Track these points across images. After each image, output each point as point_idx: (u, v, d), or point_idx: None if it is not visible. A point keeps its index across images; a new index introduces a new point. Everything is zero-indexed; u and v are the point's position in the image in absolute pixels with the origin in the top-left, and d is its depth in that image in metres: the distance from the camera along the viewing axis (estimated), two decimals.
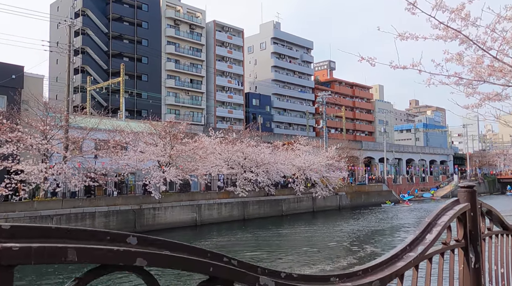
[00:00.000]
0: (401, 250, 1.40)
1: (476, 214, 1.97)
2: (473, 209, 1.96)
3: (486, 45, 4.37)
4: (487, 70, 4.73)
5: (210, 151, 33.01)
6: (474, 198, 1.97)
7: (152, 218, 28.94)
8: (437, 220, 1.68)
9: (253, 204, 36.91)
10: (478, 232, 1.96)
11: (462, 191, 1.99)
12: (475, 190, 1.99)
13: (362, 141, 71.48)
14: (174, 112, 61.62)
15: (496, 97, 5.17)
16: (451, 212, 1.77)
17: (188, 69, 64.24)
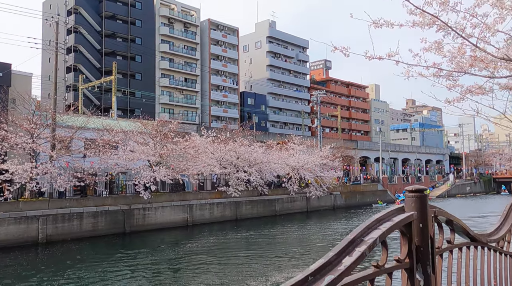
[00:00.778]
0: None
1: (426, 225, 1.55)
2: (422, 219, 1.54)
3: (465, 32, 3.96)
4: (468, 60, 4.33)
5: (202, 150, 32.55)
6: (424, 205, 1.56)
7: (142, 218, 28.47)
8: (364, 236, 1.26)
9: (246, 204, 36.49)
10: (428, 247, 1.55)
11: (409, 196, 1.58)
12: (426, 194, 1.58)
13: (357, 141, 71.17)
14: (168, 111, 61.11)
15: (479, 91, 4.77)
16: (387, 224, 1.36)
17: (182, 68, 63.72)
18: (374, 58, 4.81)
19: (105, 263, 19.23)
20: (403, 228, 1.48)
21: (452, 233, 1.88)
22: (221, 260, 20.31)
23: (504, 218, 2.69)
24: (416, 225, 1.53)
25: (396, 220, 1.39)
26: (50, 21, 29.69)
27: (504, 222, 2.67)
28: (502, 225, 2.60)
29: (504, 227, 2.61)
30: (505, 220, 2.68)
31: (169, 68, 61.92)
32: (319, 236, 27.13)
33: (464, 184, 73.58)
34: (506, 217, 2.70)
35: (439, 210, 1.68)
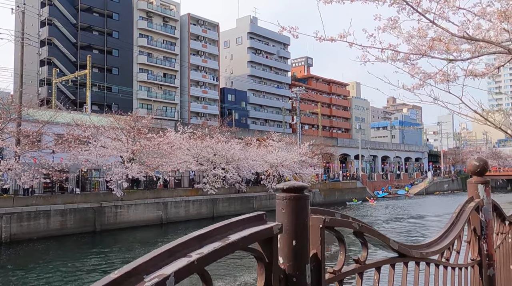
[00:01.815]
0: None
1: (305, 243, 1.02)
2: (296, 233, 1.00)
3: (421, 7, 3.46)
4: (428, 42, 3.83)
5: (177, 146, 31.78)
6: (302, 211, 1.02)
7: (113, 216, 27.62)
8: (150, 269, 0.85)
9: (223, 201, 35.91)
10: (306, 276, 1.01)
11: (281, 198, 1.04)
12: (305, 195, 1.04)
13: (338, 138, 71.22)
14: (147, 107, 59.97)
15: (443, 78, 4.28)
16: (215, 244, 0.88)
17: (161, 63, 62.58)
18: (325, 39, 4.30)
19: (73, 263, 18.44)
20: (260, 248, 0.94)
21: (364, 248, 1.35)
22: None
23: (452, 223, 2.18)
24: (286, 242, 0.98)
25: (233, 238, 0.84)
26: (17, 10, 28.38)
27: (452, 228, 2.16)
28: (448, 232, 2.10)
29: (451, 234, 2.11)
30: (453, 225, 2.17)
31: (147, 63, 60.72)
32: None
33: (442, 182, 74.47)
34: (455, 222, 2.20)
35: (333, 219, 1.14)
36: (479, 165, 2.66)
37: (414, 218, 34.27)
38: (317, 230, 1.09)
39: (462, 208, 2.37)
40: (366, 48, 4.14)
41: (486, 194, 2.64)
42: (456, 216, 2.24)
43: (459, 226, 2.17)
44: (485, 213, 2.60)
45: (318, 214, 1.10)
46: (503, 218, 3.19)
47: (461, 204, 2.40)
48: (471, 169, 2.69)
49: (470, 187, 2.68)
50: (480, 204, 2.56)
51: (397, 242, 1.48)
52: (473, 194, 2.63)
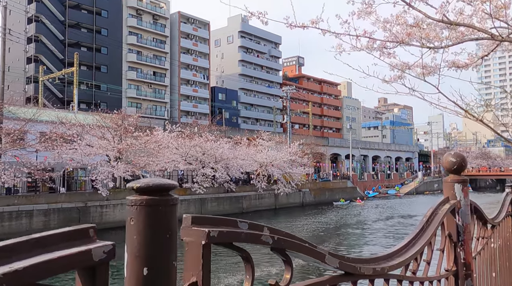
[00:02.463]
0: None
1: (168, 277, 0.82)
2: (153, 261, 0.82)
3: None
4: (405, 27, 3.52)
5: (165, 145, 31.33)
6: (159, 222, 0.79)
7: (99, 216, 27.10)
8: None
9: (211, 201, 35.52)
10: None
11: (131, 202, 0.84)
12: (170, 199, 0.83)
13: (328, 138, 71.09)
14: (136, 105, 59.32)
15: (425, 71, 3.97)
16: None
17: (151, 61, 61.92)
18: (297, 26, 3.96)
19: None
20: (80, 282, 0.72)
21: (288, 268, 1.01)
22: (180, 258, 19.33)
23: (421, 228, 1.87)
24: (133, 271, 0.76)
25: None
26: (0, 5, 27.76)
27: (420, 234, 1.84)
28: (415, 238, 1.78)
29: (419, 242, 1.78)
30: (422, 231, 1.85)
31: (136, 61, 60.04)
32: None
33: (432, 181, 74.72)
34: (424, 227, 1.88)
35: (222, 232, 0.83)
36: (455, 162, 2.34)
37: (403, 218, 34.16)
38: (197, 248, 0.82)
39: (435, 210, 2.05)
40: (340, 35, 3.82)
41: (464, 194, 2.32)
42: (427, 220, 1.92)
43: (430, 232, 1.84)
44: (462, 216, 2.28)
45: (200, 225, 0.82)
46: (484, 221, 2.88)
47: (434, 206, 2.08)
48: (447, 166, 2.37)
49: (446, 187, 2.37)
50: (456, 205, 2.25)
51: (338, 256, 1.15)
52: (449, 194, 2.31)
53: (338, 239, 24.44)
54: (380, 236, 25.50)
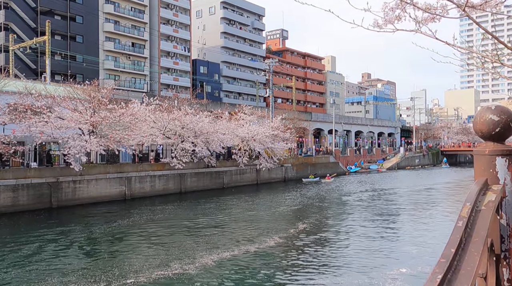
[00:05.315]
0: None
1: None
2: None
3: None
4: None
5: (142, 118, 30.07)
6: None
7: (72, 192, 26.00)
8: None
9: (191, 176, 34.65)
10: None
11: None
12: None
13: (312, 113, 70.35)
14: (114, 77, 57.27)
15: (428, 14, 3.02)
16: None
17: (129, 31, 59.52)
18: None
19: (26, 241, 16.97)
20: None
21: None
22: (160, 235, 18.61)
23: (458, 245, 0.96)
24: None
25: None
26: None
27: (460, 254, 0.95)
28: (451, 269, 0.92)
29: (460, 273, 0.93)
30: (460, 249, 0.94)
31: (114, 31, 57.60)
32: (267, 208, 25.91)
33: (414, 156, 75.10)
34: (462, 242, 0.97)
35: None
36: (499, 121, 1.43)
37: (384, 192, 33.96)
38: None
39: (474, 204, 1.15)
40: None
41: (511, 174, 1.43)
42: (466, 226, 1.01)
43: (476, 248, 0.95)
44: (508, 211, 1.41)
45: None
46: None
47: (469, 197, 1.18)
48: (483, 128, 1.47)
49: (480, 162, 1.47)
50: (500, 194, 1.36)
51: None
52: (487, 174, 1.42)
53: (320, 214, 23.95)
54: (360, 210, 25.17)
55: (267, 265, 13.50)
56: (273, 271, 12.85)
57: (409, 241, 16.73)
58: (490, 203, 1.14)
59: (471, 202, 1.11)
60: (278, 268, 13.24)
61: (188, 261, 13.65)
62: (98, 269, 13.10)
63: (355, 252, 15.01)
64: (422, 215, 23.62)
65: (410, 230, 19.21)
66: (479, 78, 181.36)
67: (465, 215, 1.03)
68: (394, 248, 15.60)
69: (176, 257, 14.22)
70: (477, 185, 1.27)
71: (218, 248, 15.54)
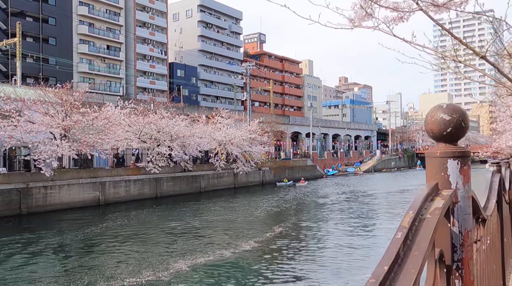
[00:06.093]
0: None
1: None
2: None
3: None
4: None
5: (116, 122, 29.49)
6: None
7: (42, 198, 25.25)
8: None
9: (167, 181, 34.19)
10: None
11: None
12: None
13: (289, 116, 70.62)
14: (88, 81, 56.17)
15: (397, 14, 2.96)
16: None
17: (104, 34, 58.52)
18: None
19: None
20: None
21: None
22: (134, 240, 18.20)
23: (395, 258, 0.95)
24: None
25: None
26: None
27: (395, 270, 0.94)
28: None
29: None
30: (396, 264, 0.94)
31: (88, 33, 56.53)
32: (244, 212, 25.73)
33: (390, 159, 76.23)
34: (399, 257, 0.95)
35: None
36: (450, 121, 1.33)
37: (360, 194, 34.25)
38: None
39: (418, 211, 1.02)
40: None
41: (464, 178, 1.33)
42: (406, 236, 0.94)
43: (416, 261, 0.91)
44: (460, 218, 1.30)
45: None
46: (478, 217, 1.93)
47: (414, 203, 1.06)
48: (434, 128, 1.36)
49: (432, 165, 1.37)
50: (451, 200, 1.26)
51: None
52: (438, 178, 1.32)
53: (296, 217, 23.92)
54: (336, 213, 25.29)
55: (242, 270, 13.34)
56: (248, 276, 12.70)
57: (385, 243, 16.84)
58: (437, 210, 1.03)
59: (415, 209, 0.99)
60: (252, 273, 13.09)
61: (162, 268, 13.35)
62: (68, 277, 12.68)
63: (330, 255, 15.00)
64: (397, 217, 23.88)
65: (386, 231, 19.36)
66: (452, 82, 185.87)
67: (406, 225, 0.91)
68: (370, 251, 15.65)
69: (149, 264, 13.90)
70: (425, 190, 1.16)
71: (193, 253, 15.28)
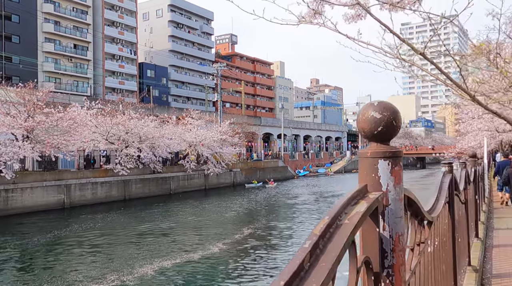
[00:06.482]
0: None
1: None
2: None
3: None
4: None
5: (82, 123, 28.71)
6: None
7: (3, 201, 24.28)
8: None
9: (136, 183, 33.54)
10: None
11: None
12: None
13: (261, 117, 70.76)
14: (54, 80, 54.60)
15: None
16: None
17: (71, 32, 56.95)
18: None
19: None
20: None
21: None
22: (99, 244, 17.69)
23: (300, 267, 0.93)
24: None
25: None
26: None
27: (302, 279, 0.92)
28: None
29: None
30: (304, 271, 0.93)
31: (54, 32, 54.90)
32: (214, 214, 25.53)
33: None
34: (304, 269, 0.90)
35: None
36: (381, 119, 1.26)
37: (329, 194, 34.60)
38: None
39: (335, 216, 0.98)
40: None
41: (395, 180, 1.26)
42: (316, 242, 0.90)
43: (316, 281, 0.86)
44: (390, 222, 1.23)
45: None
46: (421, 218, 1.88)
47: (335, 207, 0.99)
48: (364, 126, 1.28)
49: (363, 166, 1.28)
50: (381, 202, 1.18)
51: None
52: (368, 180, 1.24)
53: (266, 218, 23.89)
54: (305, 213, 25.48)
55: (208, 272, 13.17)
56: (215, 279, 12.54)
57: None
58: (356, 215, 0.94)
59: (331, 215, 0.90)
60: (219, 274, 12.94)
61: (126, 272, 13.02)
62: (27, 284, 12.18)
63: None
64: None
65: None
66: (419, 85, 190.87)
67: (317, 233, 0.84)
68: None
69: (113, 268, 13.54)
70: (350, 193, 1.08)
71: (160, 256, 14.99)
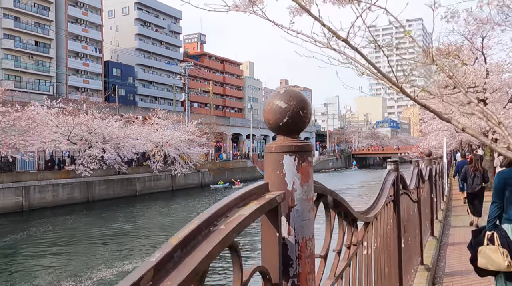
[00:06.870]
0: None
1: None
2: None
3: None
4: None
5: (42, 122, 27.67)
6: None
7: None
8: None
9: (99, 184, 32.65)
10: None
11: None
12: None
13: (230, 118, 70.47)
14: (14, 78, 52.47)
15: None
16: None
17: (32, 29, 54.92)
18: None
19: None
20: None
21: None
22: (57, 249, 17.04)
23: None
24: None
25: None
26: None
27: None
28: None
29: None
30: None
31: (14, 28, 52.80)
32: (180, 215, 25.15)
33: (328, 160, 78.44)
34: None
35: None
36: (287, 109, 1.11)
37: None
38: None
39: (207, 222, 0.94)
40: None
41: (302, 178, 1.12)
42: (163, 260, 0.75)
43: None
44: (296, 225, 1.08)
45: None
46: (352, 219, 1.76)
47: (210, 211, 0.96)
48: (270, 117, 1.13)
49: (269, 164, 1.13)
50: (287, 203, 1.04)
51: None
52: (272, 178, 1.09)
53: None
54: None
55: None
56: None
57: None
58: (238, 218, 0.85)
59: (202, 218, 0.78)
60: None
61: (85, 277, 12.56)
62: None
63: None
64: None
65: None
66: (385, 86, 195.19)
67: (174, 242, 0.67)
68: None
69: (71, 273, 13.04)
70: (240, 191, 0.93)
71: (121, 259, 14.57)
